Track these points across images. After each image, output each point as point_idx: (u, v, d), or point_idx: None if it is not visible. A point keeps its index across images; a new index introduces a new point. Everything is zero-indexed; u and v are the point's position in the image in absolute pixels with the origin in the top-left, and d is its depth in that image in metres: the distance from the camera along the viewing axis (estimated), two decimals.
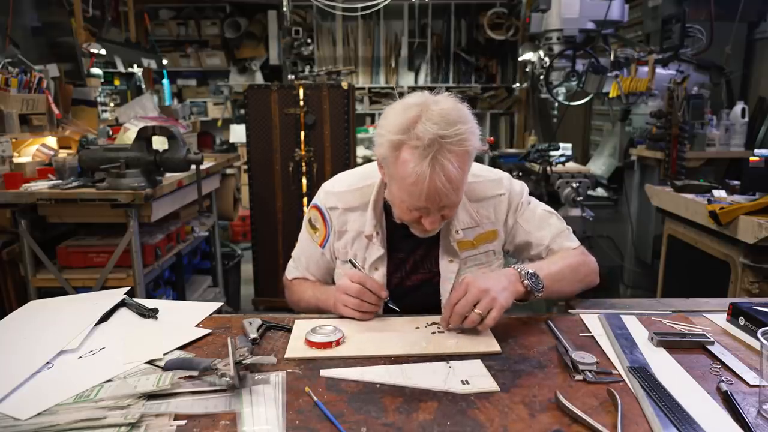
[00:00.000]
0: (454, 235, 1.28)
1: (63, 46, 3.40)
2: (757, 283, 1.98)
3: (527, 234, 1.33)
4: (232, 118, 6.38)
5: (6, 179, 2.22)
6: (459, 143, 1.05)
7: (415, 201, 1.10)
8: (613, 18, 3.18)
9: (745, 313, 1.12)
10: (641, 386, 0.88)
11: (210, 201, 3.21)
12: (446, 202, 1.10)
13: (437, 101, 1.09)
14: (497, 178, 1.33)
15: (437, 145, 1.03)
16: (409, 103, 1.09)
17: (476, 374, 0.95)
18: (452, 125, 1.04)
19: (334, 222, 1.33)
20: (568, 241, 1.34)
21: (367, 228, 1.29)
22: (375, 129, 1.15)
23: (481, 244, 1.32)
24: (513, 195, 1.33)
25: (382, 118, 1.13)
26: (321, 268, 1.40)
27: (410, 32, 6.27)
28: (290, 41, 4.67)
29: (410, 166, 1.05)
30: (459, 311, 1.06)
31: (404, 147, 1.06)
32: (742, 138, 3.04)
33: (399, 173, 1.08)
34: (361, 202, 1.30)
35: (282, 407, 0.84)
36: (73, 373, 0.96)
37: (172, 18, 6.29)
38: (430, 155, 1.03)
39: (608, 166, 3.76)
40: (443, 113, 1.05)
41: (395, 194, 1.16)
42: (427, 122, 1.04)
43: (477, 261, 1.33)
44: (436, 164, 1.04)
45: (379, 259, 1.29)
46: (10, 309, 1.78)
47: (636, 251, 3.49)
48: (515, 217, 1.34)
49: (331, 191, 1.34)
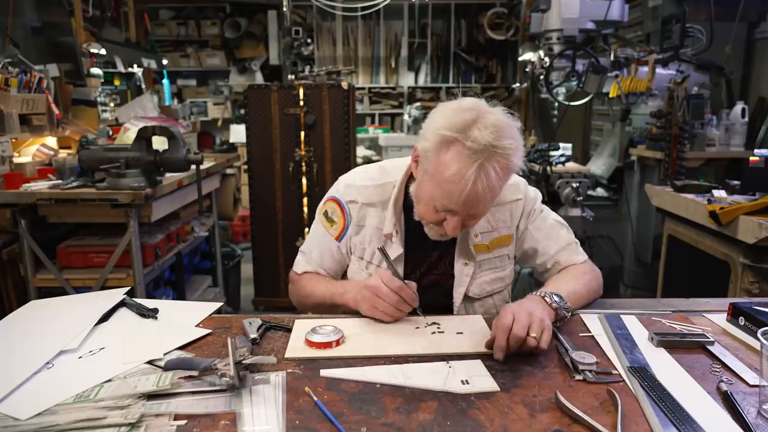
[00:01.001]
0: (472, 238, 1.28)
1: (63, 46, 3.41)
2: (757, 283, 1.98)
3: (536, 242, 1.34)
4: (232, 118, 6.38)
5: (6, 179, 2.22)
6: (507, 156, 1.06)
7: (450, 202, 1.10)
8: (613, 18, 3.18)
9: (745, 313, 1.12)
10: (641, 386, 0.88)
11: (210, 201, 3.21)
12: (478, 210, 1.12)
13: (493, 111, 1.10)
14: (515, 183, 1.33)
15: (488, 153, 1.05)
16: (464, 106, 1.10)
17: (476, 374, 0.95)
18: (506, 138, 1.06)
19: (354, 216, 1.32)
20: (576, 254, 1.34)
21: (387, 226, 1.28)
22: (423, 124, 1.16)
23: (496, 248, 1.32)
24: (528, 200, 1.34)
25: (432, 115, 1.13)
26: (335, 263, 1.38)
27: (410, 32, 6.27)
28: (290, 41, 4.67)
29: (456, 166, 1.06)
30: (518, 335, 0.98)
31: (455, 146, 1.07)
32: (742, 138, 3.05)
33: (441, 170, 1.08)
34: (381, 199, 1.30)
35: (282, 407, 0.84)
36: (73, 373, 0.96)
37: (172, 18, 6.29)
38: (480, 161, 1.04)
39: (608, 166, 3.76)
40: (498, 124, 1.07)
41: (426, 191, 1.15)
42: (483, 129, 1.05)
43: (491, 265, 1.33)
44: (482, 171, 1.05)
45: (398, 258, 1.29)
46: (10, 309, 1.78)
47: (636, 251, 3.49)
48: (527, 223, 1.34)
49: (352, 185, 1.33)
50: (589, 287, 1.26)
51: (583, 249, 1.38)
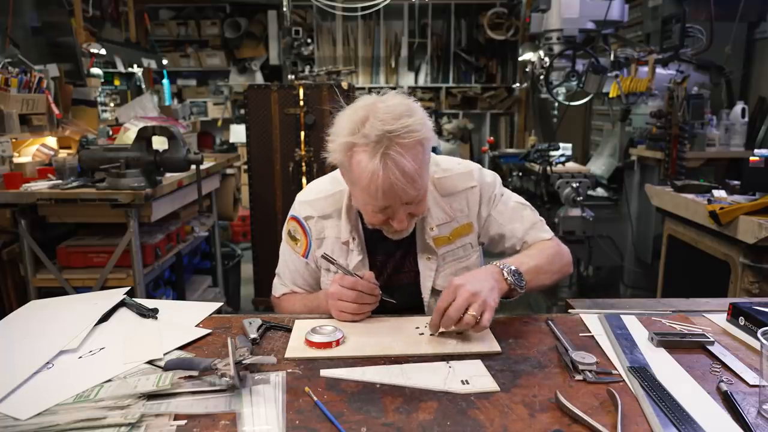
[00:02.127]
0: (428, 232, 1.28)
1: (63, 46, 3.41)
2: (757, 283, 1.98)
3: (500, 227, 1.33)
4: (232, 118, 6.38)
5: (6, 179, 2.22)
6: (407, 135, 1.04)
7: (375, 201, 1.09)
8: (613, 18, 3.18)
9: (745, 313, 1.12)
10: (641, 386, 0.88)
11: (210, 201, 3.21)
12: (406, 197, 1.09)
13: (384, 99, 1.10)
14: (467, 170, 1.33)
15: (386, 141, 1.03)
16: (358, 105, 1.10)
17: (476, 374, 0.95)
18: (398, 119, 1.04)
19: (313, 230, 1.32)
20: (542, 232, 1.34)
21: (343, 234, 1.29)
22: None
23: (457, 239, 1.32)
24: (485, 186, 1.33)
25: (333, 125, 1.13)
26: (308, 279, 1.39)
27: (410, 32, 6.27)
28: (290, 41, 4.67)
29: (362, 166, 1.06)
30: (452, 315, 1.02)
31: (355, 148, 1.07)
32: (742, 138, 3.05)
33: (355, 175, 1.09)
34: (335, 209, 1.30)
35: (282, 407, 0.84)
36: (73, 373, 0.96)
37: (172, 18, 6.29)
38: (380, 152, 1.03)
39: (608, 166, 3.76)
40: (389, 109, 1.06)
41: (358, 199, 1.17)
42: (374, 120, 1.05)
43: (455, 256, 1.33)
44: (388, 160, 1.03)
45: (360, 264, 1.29)
46: (10, 309, 1.78)
47: (636, 251, 3.49)
48: (488, 210, 1.34)
49: (304, 200, 1.34)
50: (552, 262, 1.26)
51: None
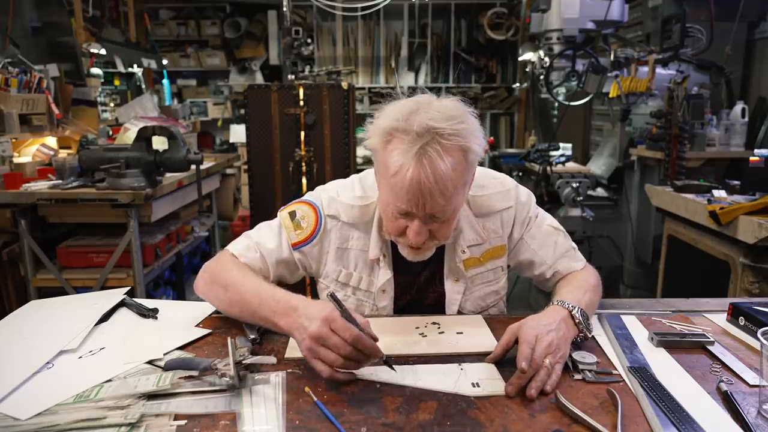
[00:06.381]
0: (459, 254, 1.20)
1: (63, 46, 3.41)
2: (757, 283, 1.98)
3: (532, 253, 1.25)
4: (232, 118, 6.38)
5: (6, 179, 2.22)
6: (452, 138, 0.96)
7: (398, 199, 1.00)
8: (613, 18, 3.18)
9: (745, 313, 1.12)
10: (641, 386, 0.88)
11: (210, 201, 3.21)
12: (432, 205, 0.99)
13: (440, 99, 1.03)
14: (505, 190, 1.24)
15: (428, 136, 0.95)
16: (412, 98, 1.04)
17: (488, 377, 0.93)
18: (448, 120, 0.97)
19: (332, 234, 1.21)
20: (575, 261, 1.26)
21: (372, 251, 1.19)
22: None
23: (488, 261, 1.24)
24: (520, 207, 1.24)
25: (376, 114, 1.05)
26: (274, 269, 1.22)
27: (410, 32, 6.26)
28: (290, 41, 4.66)
29: (395, 155, 0.97)
30: (537, 368, 0.90)
31: (395, 135, 0.99)
32: (742, 138, 3.05)
33: (386, 165, 1.00)
34: (363, 221, 1.20)
35: (282, 407, 0.84)
36: (73, 373, 0.96)
37: (172, 18, 6.28)
38: (419, 145, 0.95)
39: (608, 166, 3.76)
40: (442, 108, 0.99)
41: (382, 196, 1.08)
42: (424, 113, 0.97)
43: (484, 279, 1.25)
44: (424, 156, 0.95)
45: (387, 283, 1.20)
46: (10, 309, 1.78)
47: (636, 251, 3.49)
48: (521, 232, 1.25)
49: (337, 199, 1.22)
50: (598, 293, 1.19)
51: (582, 249, 1.36)
